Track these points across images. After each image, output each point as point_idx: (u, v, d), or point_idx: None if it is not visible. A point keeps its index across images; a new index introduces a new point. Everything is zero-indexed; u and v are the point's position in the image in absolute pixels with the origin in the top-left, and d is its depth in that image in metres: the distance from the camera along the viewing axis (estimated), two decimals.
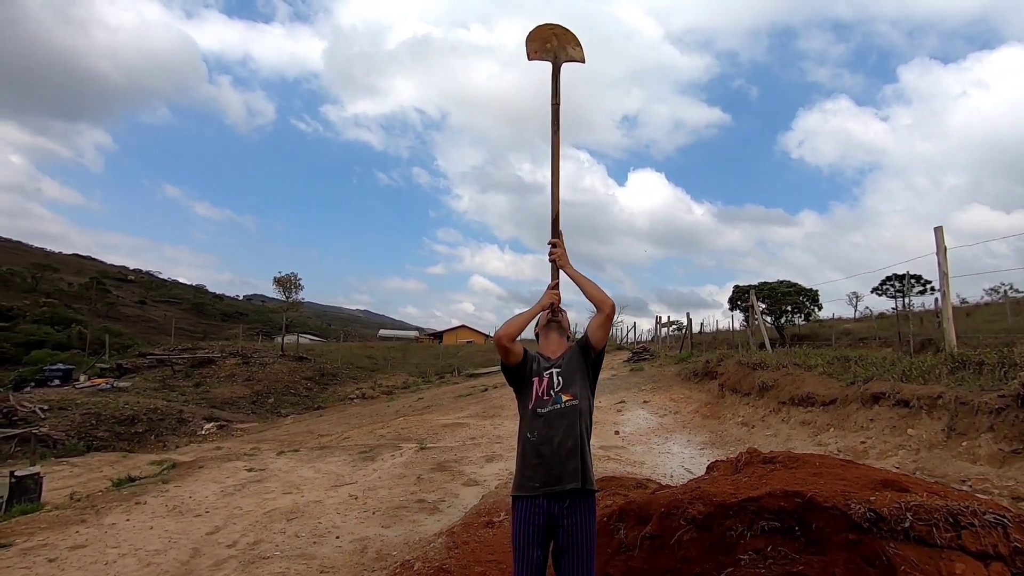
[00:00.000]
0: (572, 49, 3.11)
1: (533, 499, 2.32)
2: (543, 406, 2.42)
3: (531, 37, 3.09)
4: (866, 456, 5.47)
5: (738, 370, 10.53)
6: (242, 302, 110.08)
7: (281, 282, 29.65)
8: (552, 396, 2.43)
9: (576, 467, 2.31)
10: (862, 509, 2.32)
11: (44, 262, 77.49)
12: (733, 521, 2.66)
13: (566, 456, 2.31)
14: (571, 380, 2.46)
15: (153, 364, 23.09)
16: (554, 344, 2.63)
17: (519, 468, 2.43)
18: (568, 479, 2.29)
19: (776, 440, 7.32)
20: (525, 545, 2.30)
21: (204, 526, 5.24)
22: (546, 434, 2.36)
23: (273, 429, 16.35)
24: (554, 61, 3.05)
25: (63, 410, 15.80)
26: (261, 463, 8.15)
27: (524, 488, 2.36)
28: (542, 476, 2.31)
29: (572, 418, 2.38)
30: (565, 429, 2.35)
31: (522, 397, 2.52)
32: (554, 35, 3.08)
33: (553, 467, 2.31)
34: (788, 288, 25.88)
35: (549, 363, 2.54)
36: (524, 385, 2.52)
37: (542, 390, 2.45)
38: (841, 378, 7.27)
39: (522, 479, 2.38)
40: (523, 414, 2.50)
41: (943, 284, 6.26)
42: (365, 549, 4.62)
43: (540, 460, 2.33)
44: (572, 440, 2.34)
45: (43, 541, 4.74)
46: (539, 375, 2.49)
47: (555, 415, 2.38)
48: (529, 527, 2.31)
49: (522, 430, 2.47)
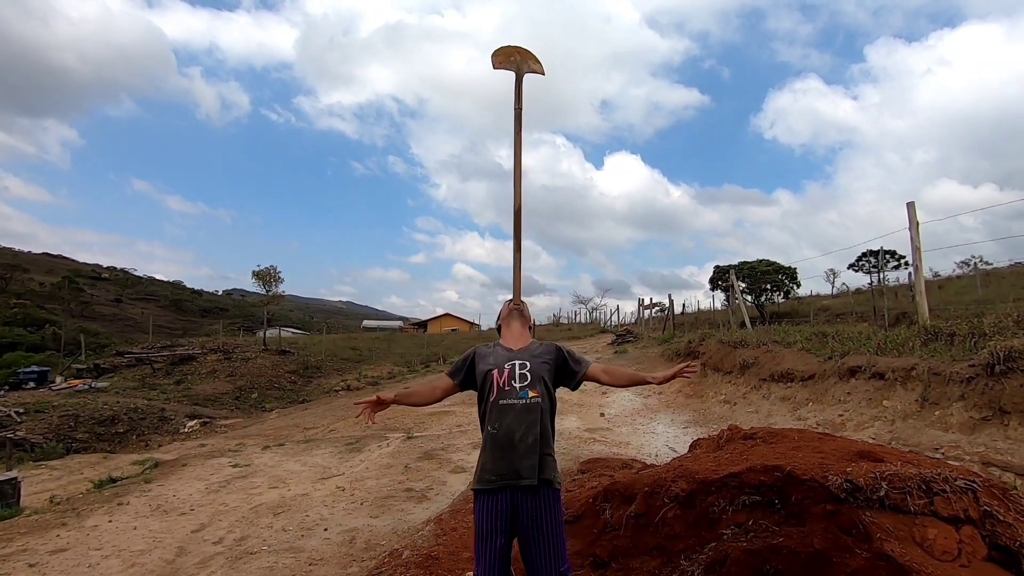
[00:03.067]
0: (533, 63, 3.56)
1: (493, 492, 2.30)
2: (505, 398, 2.36)
3: (496, 53, 3.54)
4: (844, 428, 5.61)
5: (720, 349, 10.68)
6: (221, 297, 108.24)
7: (260, 276, 29.22)
8: (515, 388, 2.37)
9: (534, 464, 2.28)
10: (839, 480, 2.37)
11: (13, 262, 75.17)
12: (715, 497, 2.71)
13: (526, 452, 2.29)
14: (537, 378, 2.41)
15: (132, 363, 22.64)
16: (516, 333, 2.60)
17: (480, 462, 2.41)
18: (526, 475, 2.27)
19: (757, 416, 7.46)
20: (488, 533, 2.28)
21: (189, 524, 5.18)
22: (508, 428, 2.32)
23: (258, 424, 16.19)
24: (517, 71, 3.48)
25: (40, 413, 15.43)
26: (246, 458, 8.07)
27: (483, 482, 2.34)
28: (501, 470, 2.29)
29: (535, 415, 2.34)
30: (528, 425, 2.32)
31: (482, 392, 2.47)
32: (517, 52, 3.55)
33: (512, 462, 2.28)
34: (767, 267, 26.26)
35: (510, 354, 2.49)
36: (482, 382, 2.47)
37: (503, 381, 2.39)
38: (819, 354, 7.42)
39: (481, 472, 2.36)
40: (483, 406, 2.46)
41: (916, 258, 6.40)
42: (354, 540, 4.61)
43: (500, 454, 2.31)
44: (533, 437, 2.31)
45: (23, 546, 4.64)
46: (499, 367, 2.43)
47: (519, 409, 2.34)
48: (492, 516, 2.29)
49: (484, 424, 2.43)
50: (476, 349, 2.60)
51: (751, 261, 27.08)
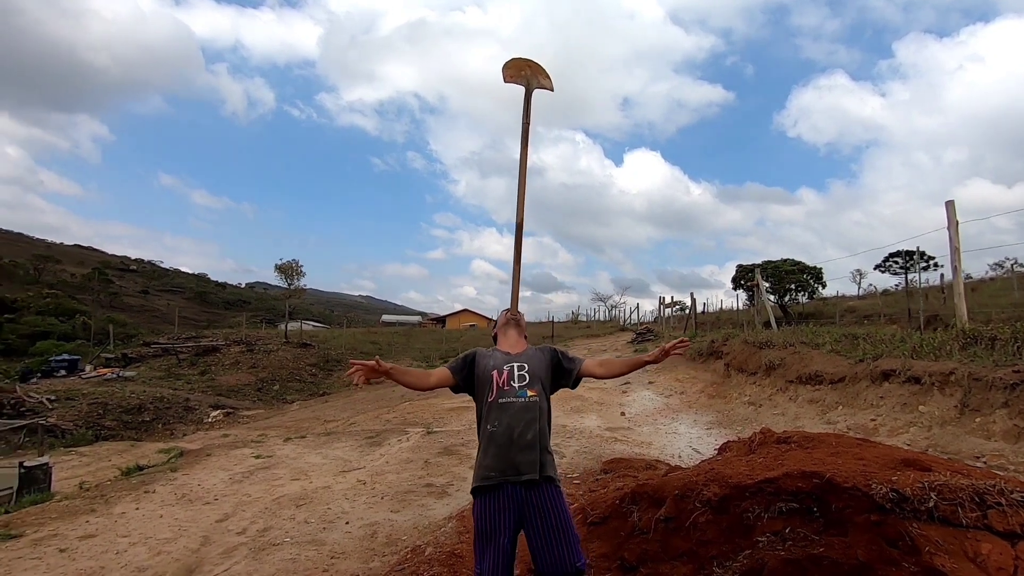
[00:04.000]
0: (543, 79, 3.51)
1: (494, 490, 2.30)
2: (504, 397, 2.42)
3: (507, 65, 3.49)
4: (877, 434, 5.44)
5: (744, 349, 10.48)
6: (244, 290, 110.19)
7: (283, 269, 29.62)
8: (514, 388, 2.43)
9: (534, 460, 2.32)
10: (884, 489, 2.27)
11: (46, 253, 77.47)
12: (750, 503, 2.62)
13: (525, 447, 2.33)
14: (535, 379, 2.48)
15: (158, 353, 23.15)
16: (512, 340, 2.69)
17: (478, 459, 2.43)
18: (526, 470, 2.31)
19: (784, 419, 7.29)
20: (492, 531, 2.26)
21: (213, 513, 5.23)
22: (507, 425, 2.36)
23: (279, 416, 16.43)
24: (527, 86, 3.43)
25: (70, 400, 15.88)
26: (268, 450, 8.16)
27: (483, 479, 2.34)
28: (501, 466, 2.32)
29: (534, 413, 2.39)
30: (526, 422, 2.36)
31: (481, 392, 2.52)
32: (528, 66, 3.49)
33: (512, 457, 2.31)
34: (792, 266, 25.76)
35: (508, 357, 2.56)
36: (482, 382, 2.52)
37: (502, 381, 2.45)
38: (849, 356, 7.21)
39: (480, 470, 2.38)
40: (483, 407, 2.49)
41: (955, 259, 6.16)
42: (375, 534, 4.61)
43: (499, 451, 2.34)
44: (532, 434, 2.35)
45: (53, 531, 4.74)
46: (498, 368, 2.49)
47: (518, 407, 2.39)
48: (495, 514, 2.28)
49: (483, 422, 2.46)
50: (476, 351, 2.66)
51: (775, 260, 26.59)
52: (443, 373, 2.60)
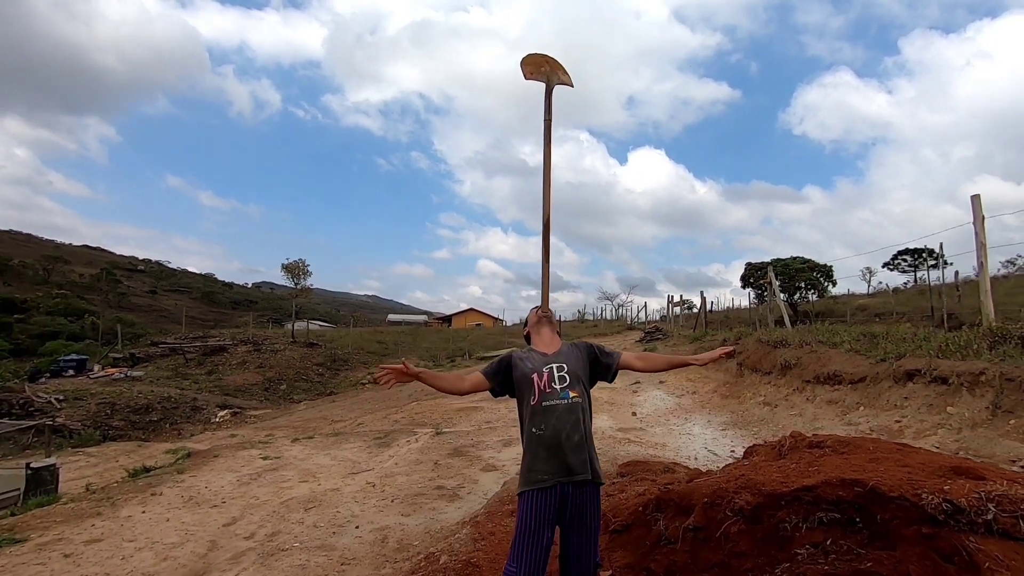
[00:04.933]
0: (563, 75, 3.43)
1: (545, 491, 2.29)
2: (548, 399, 2.40)
3: (525, 61, 3.41)
4: (902, 435, 5.26)
5: (758, 348, 10.29)
6: (251, 290, 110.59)
7: (289, 268, 29.56)
8: (556, 390, 2.41)
9: (585, 459, 2.33)
10: (936, 499, 2.11)
11: (55, 254, 78.03)
12: (786, 512, 2.46)
13: (575, 448, 2.33)
14: (575, 379, 2.47)
15: (165, 353, 23.16)
16: (547, 338, 2.67)
17: (527, 463, 2.39)
18: (579, 471, 2.31)
19: (802, 420, 7.12)
20: (536, 528, 2.28)
21: (221, 517, 5.13)
22: (554, 428, 2.35)
23: (286, 415, 16.37)
24: (547, 83, 3.36)
25: (78, 400, 15.87)
26: (276, 451, 8.07)
27: (534, 482, 2.32)
28: (553, 469, 2.31)
29: (578, 414, 2.38)
30: (572, 423, 2.35)
31: (523, 395, 2.50)
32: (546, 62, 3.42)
33: (564, 459, 2.31)
34: (802, 264, 25.48)
35: (546, 358, 2.53)
36: (522, 385, 2.49)
37: (543, 384, 2.43)
38: (869, 355, 7.02)
39: (531, 473, 2.35)
40: (525, 410, 2.46)
41: (980, 255, 5.97)
42: (386, 539, 4.49)
43: (550, 454, 2.33)
44: (579, 435, 2.35)
45: (58, 535, 4.65)
46: (538, 371, 2.47)
47: (563, 409, 2.38)
48: (541, 511, 2.29)
49: (527, 426, 2.43)
50: (512, 353, 2.63)
51: (784, 258, 26.30)
52: (478, 378, 2.59)
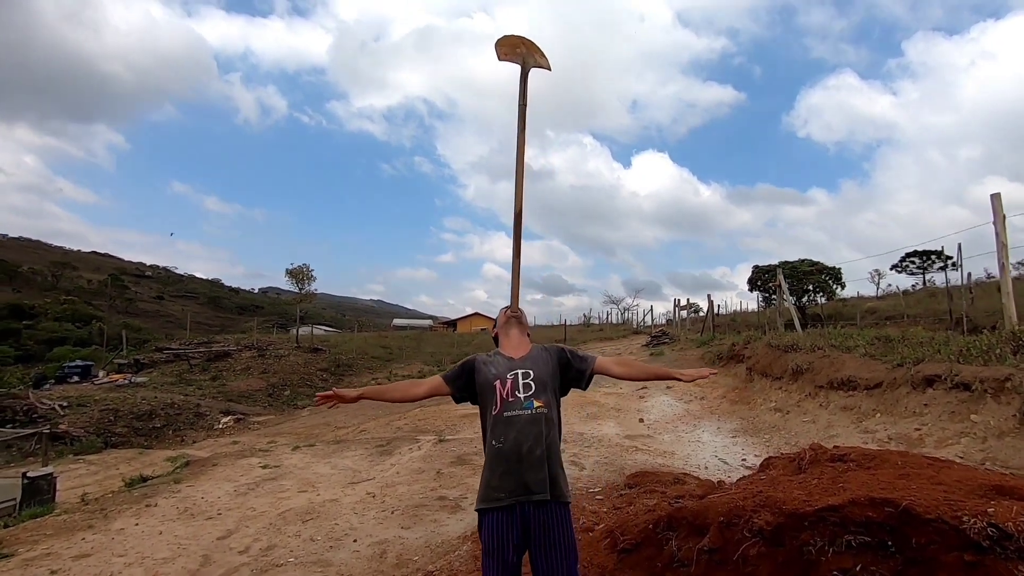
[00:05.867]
0: (540, 57, 3.23)
1: (501, 510, 2.13)
2: (510, 409, 2.24)
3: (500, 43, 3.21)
4: (923, 444, 5.04)
5: (768, 353, 10.06)
6: (257, 295, 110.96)
7: (293, 274, 29.55)
8: (520, 399, 2.25)
9: (544, 478, 2.16)
10: (979, 523, 1.92)
11: (63, 260, 78.60)
12: (810, 534, 2.27)
13: (535, 465, 2.17)
14: (542, 387, 2.29)
15: (170, 359, 23.13)
16: (515, 341, 2.49)
17: (484, 478, 2.22)
18: (536, 489, 2.15)
19: (815, 427, 6.90)
20: (498, 548, 2.12)
21: (215, 530, 4.97)
22: (515, 441, 2.19)
23: (290, 421, 16.23)
24: (523, 65, 3.16)
25: (82, 406, 15.80)
26: (276, 459, 7.91)
27: (490, 500, 2.16)
28: (509, 486, 2.16)
29: (541, 426, 2.22)
30: (535, 436, 2.19)
31: (485, 404, 2.34)
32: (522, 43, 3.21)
33: (522, 476, 2.16)
34: (810, 267, 25.15)
35: (511, 363, 2.36)
36: (484, 393, 2.32)
37: (507, 392, 2.27)
38: (885, 359, 6.80)
39: (487, 490, 2.18)
40: (487, 420, 2.28)
41: (1002, 255, 5.75)
42: (384, 554, 4.31)
43: (506, 468, 2.18)
44: (541, 449, 2.18)
45: (47, 550, 4.50)
46: (501, 377, 2.30)
47: (525, 420, 2.21)
48: (502, 531, 2.13)
49: (488, 437, 2.28)
50: (475, 357, 2.46)
51: (792, 261, 25.99)
52: (436, 382, 2.43)
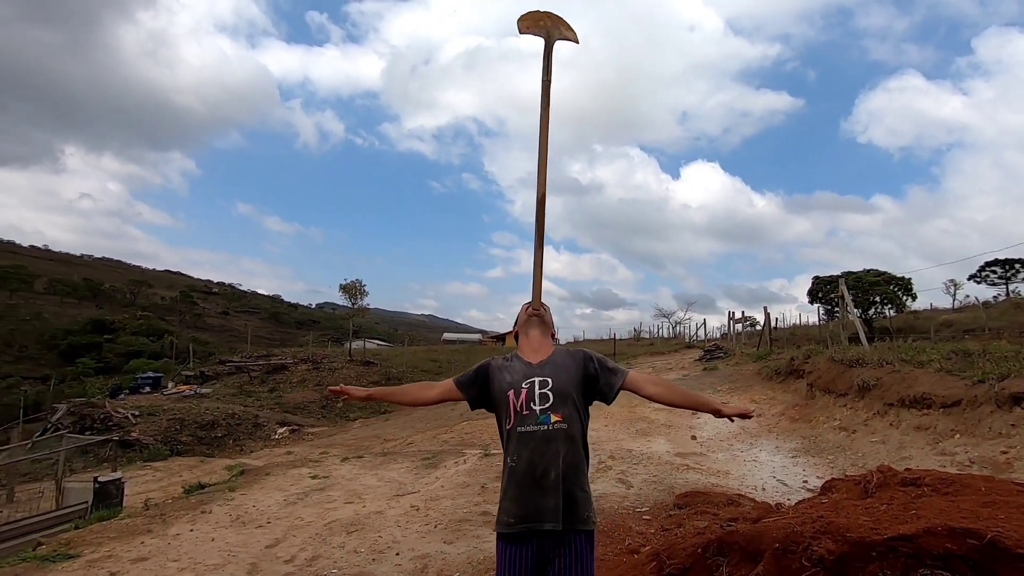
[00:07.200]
0: (565, 30, 2.98)
1: (514, 537, 1.92)
2: (524, 424, 1.98)
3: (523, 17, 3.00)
4: (1010, 469, 4.56)
5: (831, 368, 9.47)
6: (314, 310, 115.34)
7: (347, 289, 30.56)
8: (534, 412, 1.98)
9: (557, 505, 1.90)
10: None
11: (140, 278, 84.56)
12: (878, 566, 2.05)
13: (548, 490, 1.91)
14: (561, 398, 2.00)
15: (232, 371, 24.26)
16: (535, 343, 2.18)
17: (500, 500, 2.02)
18: (548, 518, 1.89)
19: (886, 448, 6.39)
20: None
21: (264, 538, 5.08)
22: (528, 460, 1.95)
23: (342, 433, 16.62)
24: (547, 38, 2.90)
25: (152, 416, 16.77)
26: (326, 470, 8.06)
27: (502, 524, 1.96)
28: (522, 511, 1.93)
29: (558, 444, 1.95)
30: (550, 457, 1.93)
31: (498, 415, 2.12)
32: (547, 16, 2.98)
33: (534, 501, 1.92)
34: (876, 277, 23.69)
35: (529, 369, 2.08)
36: (498, 403, 2.08)
37: (520, 404, 2.00)
38: (964, 375, 6.24)
39: (500, 514, 1.99)
40: (502, 433, 2.09)
41: None
42: (426, 568, 4.27)
43: (519, 492, 1.95)
44: (556, 472, 1.92)
45: (108, 552, 4.71)
46: (515, 387, 2.03)
47: (540, 438, 1.95)
48: (514, 565, 1.92)
49: (505, 454, 2.05)
50: (490, 362, 2.20)
51: (856, 271, 24.57)
52: (448, 387, 2.21)
